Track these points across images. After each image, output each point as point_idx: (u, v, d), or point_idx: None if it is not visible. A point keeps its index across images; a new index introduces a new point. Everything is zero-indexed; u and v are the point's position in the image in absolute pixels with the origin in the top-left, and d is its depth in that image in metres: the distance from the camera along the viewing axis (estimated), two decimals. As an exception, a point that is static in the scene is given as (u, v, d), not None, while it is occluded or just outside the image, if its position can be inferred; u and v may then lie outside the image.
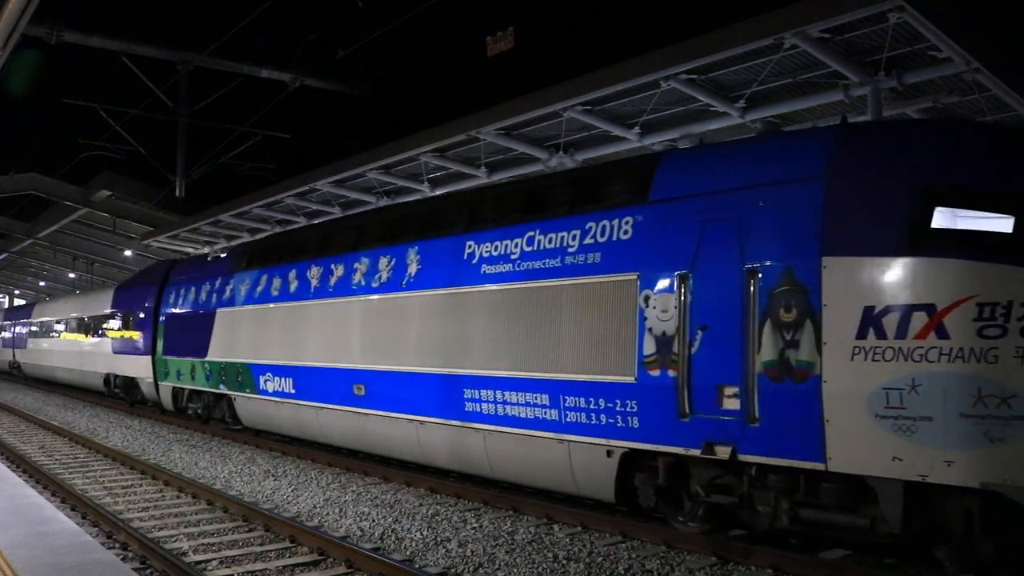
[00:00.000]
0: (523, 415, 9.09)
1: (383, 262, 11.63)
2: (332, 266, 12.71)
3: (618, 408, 8.02)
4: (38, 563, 5.08)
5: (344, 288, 12.28)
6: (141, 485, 11.28)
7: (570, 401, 8.55)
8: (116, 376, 22.83)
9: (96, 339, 24.59)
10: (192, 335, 16.77)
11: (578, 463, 8.61)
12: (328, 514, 9.34)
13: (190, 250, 27.86)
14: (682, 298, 7.55)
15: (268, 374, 13.93)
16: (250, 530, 8.64)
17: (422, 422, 10.63)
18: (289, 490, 10.78)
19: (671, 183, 8.15)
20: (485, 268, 9.81)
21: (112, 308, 23.08)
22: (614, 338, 8.16)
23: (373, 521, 8.95)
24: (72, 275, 45.71)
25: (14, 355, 38.33)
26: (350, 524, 8.86)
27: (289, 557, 7.59)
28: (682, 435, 7.47)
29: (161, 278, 19.85)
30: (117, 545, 7.95)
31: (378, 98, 25.93)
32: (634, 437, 7.93)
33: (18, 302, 58.24)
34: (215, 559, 7.47)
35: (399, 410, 11.01)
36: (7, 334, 40.25)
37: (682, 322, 7.50)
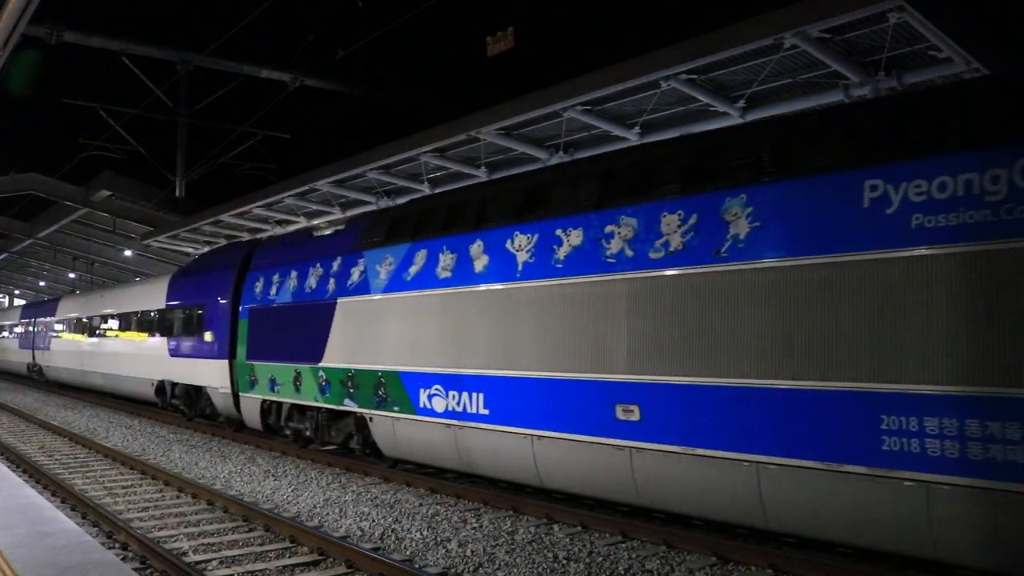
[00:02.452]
0: None
1: (696, 219, 7.66)
2: (563, 232, 8.96)
3: None
4: (38, 563, 5.08)
5: (596, 262, 8.49)
6: (141, 485, 11.27)
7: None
8: (174, 384, 18.91)
9: (146, 339, 20.50)
10: (295, 334, 13.27)
11: None
12: (328, 514, 9.34)
13: (190, 250, 27.87)
14: None
15: (436, 387, 10.32)
16: (250, 530, 8.64)
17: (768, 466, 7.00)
18: (289, 490, 10.77)
19: None
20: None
21: (169, 302, 19.04)
22: None
23: (373, 521, 8.95)
24: (72, 275, 45.73)
25: (33, 357, 33.85)
26: (350, 524, 8.85)
27: (289, 557, 7.59)
28: None
29: (240, 262, 16.16)
30: (117, 545, 7.95)
31: (378, 98, 25.96)
32: None
33: (18, 302, 58.10)
34: (215, 559, 7.47)
35: (716, 446, 7.34)
36: (24, 333, 35.69)
37: None
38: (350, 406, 11.99)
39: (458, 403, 9.94)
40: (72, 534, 5.91)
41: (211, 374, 16.47)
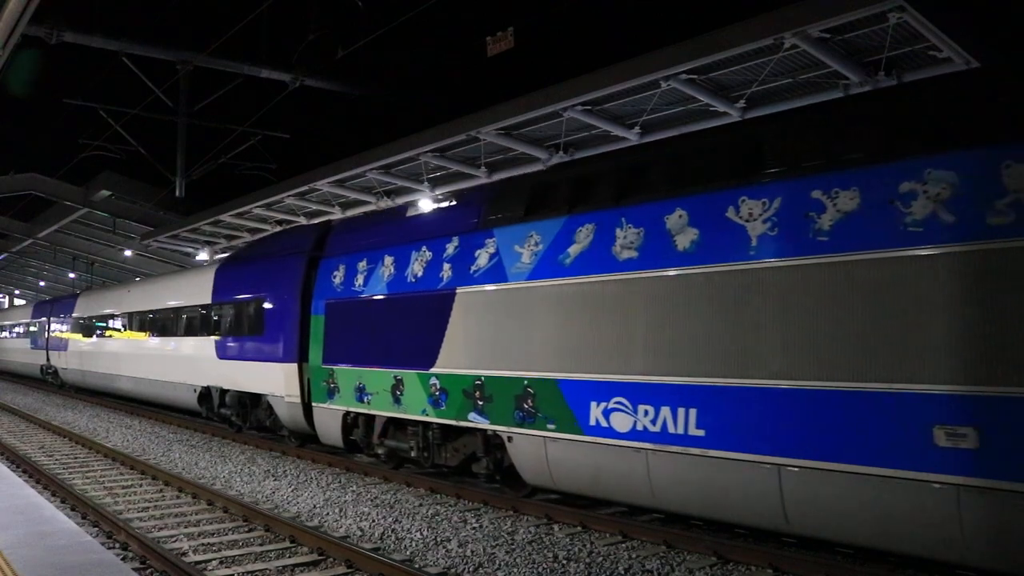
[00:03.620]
0: None
1: None
2: (826, 195, 6.75)
3: None
4: (38, 563, 5.08)
5: (894, 231, 6.31)
6: (141, 485, 11.27)
7: None
8: (223, 391, 16.34)
9: (188, 339, 17.93)
10: (393, 332, 11.06)
11: None
12: (328, 514, 9.34)
13: (189, 250, 27.87)
14: None
15: (617, 400, 8.13)
16: (250, 530, 8.64)
17: None
18: (289, 490, 10.77)
19: None
20: None
21: (217, 296, 16.51)
22: None
23: (373, 521, 8.95)
24: (72, 275, 45.75)
25: (47, 358, 31.09)
26: (350, 524, 8.85)
27: (289, 557, 7.59)
28: None
29: (310, 248, 13.78)
30: (117, 545, 7.94)
31: (378, 98, 25.99)
32: None
33: (18, 302, 58.07)
34: (215, 559, 7.47)
35: None
36: (37, 332, 32.80)
37: None
38: (478, 422, 9.71)
39: (654, 421, 7.75)
40: (72, 534, 5.91)
41: (274, 380, 13.92)
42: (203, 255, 27.05)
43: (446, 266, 10.33)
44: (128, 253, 34.59)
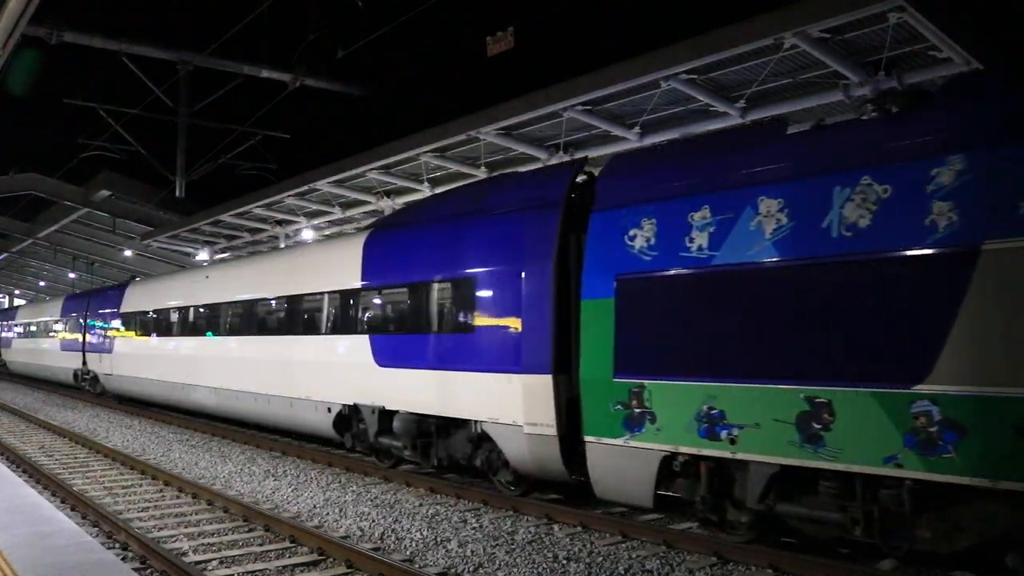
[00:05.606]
0: None
1: None
2: None
3: None
4: (38, 563, 5.08)
5: None
6: (141, 485, 11.27)
7: None
8: (388, 412, 11.42)
9: (317, 338, 13.18)
10: (799, 324, 6.81)
11: None
12: (328, 514, 9.34)
13: (189, 250, 27.88)
14: None
15: None
16: (250, 530, 8.64)
17: None
18: (289, 490, 10.77)
19: None
20: None
21: (371, 277, 11.88)
22: None
23: (373, 521, 8.95)
24: (72, 275, 45.77)
25: (84, 362, 25.82)
26: (350, 524, 8.86)
27: (289, 557, 7.59)
28: None
29: (562, 196, 9.08)
30: (117, 545, 7.95)
31: (378, 98, 26.00)
32: None
33: (18, 302, 58.03)
34: (215, 559, 7.47)
35: None
36: (69, 331, 27.71)
37: None
38: None
39: None
40: (72, 534, 5.91)
41: (499, 400, 9.42)
42: (203, 255, 27.07)
43: (941, 207, 6.12)
44: (128, 253, 34.62)
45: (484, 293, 9.72)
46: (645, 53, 10.53)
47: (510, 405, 9.26)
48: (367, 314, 11.95)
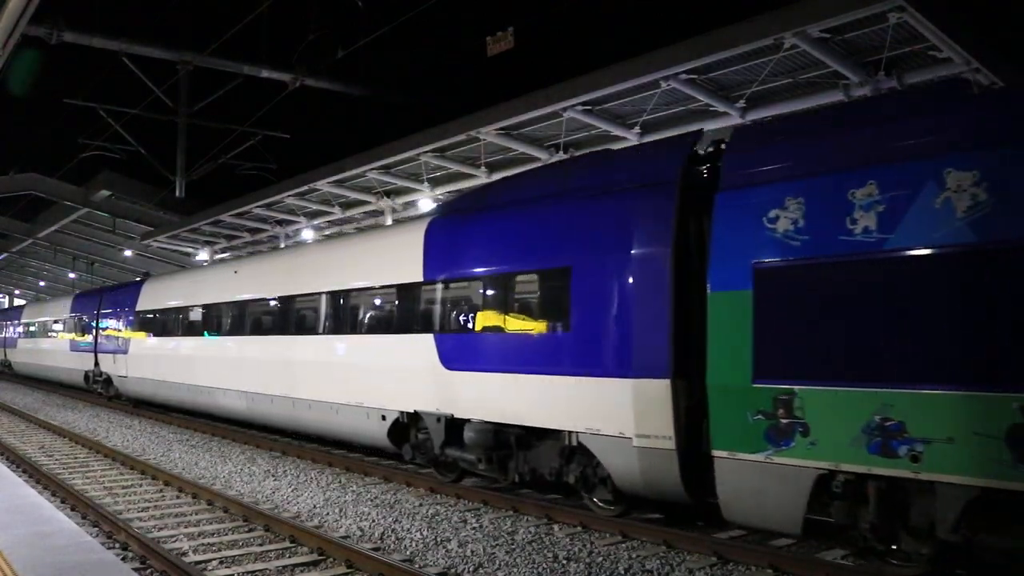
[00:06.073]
0: None
1: None
2: None
3: None
4: (38, 563, 5.08)
5: None
6: (141, 485, 11.27)
7: None
8: (455, 421, 10.23)
9: (371, 337, 11.89)
10: None
11: None
12: (328, 514, 9.34)
13: (189, 250, 27.88)
14: None
15: None
16: (250, 530, 8.64)
17: None
18: (289, 490, 10.77)
19: None
20: None
21: (435, 271, 10.60)
22: None
23: (373, 521, 8.95)
24: (72, 275, 45.79)
25: (96, 363, 24.32)
26: (350, 524, 8.86)
27: (289, 557, 7.59)
28: None
29: (678, 175, 8.03)
30: (117, 545, 7.94)
31: (378, 98, 26.03)
32: None
33: (18, 302, 58.00)
34: (215, 559, 7.47)
35: None
36: (78, 330, 26.14)
37: None
38: None
39: None
40: (72, 534, 5.92)
41: (601, 407, 8.26)
42: (203, 255, 27.07)
43: None
44: (128, 253, 34.63)
45: (583, 285, 8.45)
46: (645, 53, 10.54)
47: (616, 414, 8.05)
48: (431, 311, 10.58)
